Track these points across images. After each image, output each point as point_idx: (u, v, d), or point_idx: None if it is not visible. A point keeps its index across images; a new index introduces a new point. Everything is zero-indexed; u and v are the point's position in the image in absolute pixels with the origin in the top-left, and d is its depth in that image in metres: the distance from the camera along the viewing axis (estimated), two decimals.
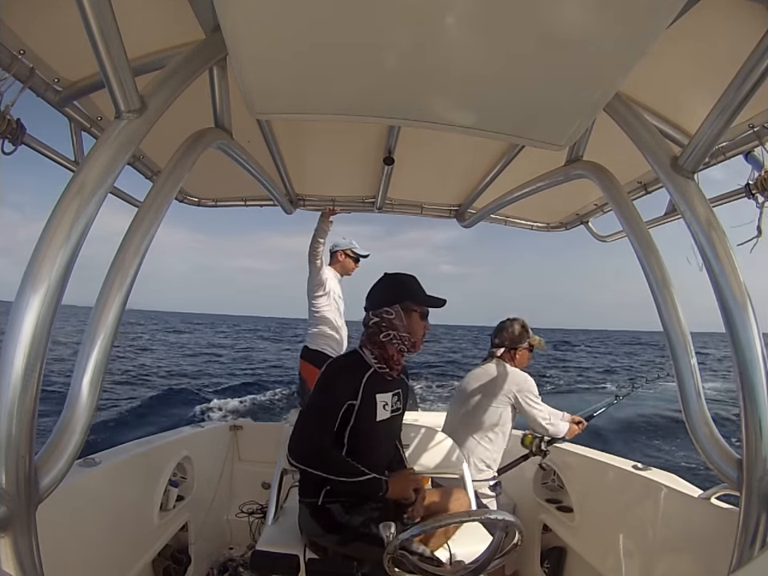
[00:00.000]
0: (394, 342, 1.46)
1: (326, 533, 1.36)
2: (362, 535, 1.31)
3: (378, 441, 1.49)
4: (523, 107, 0.99)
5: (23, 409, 0.70)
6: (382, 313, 1.46)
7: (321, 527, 1.37)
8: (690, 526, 1.47)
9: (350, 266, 3.02)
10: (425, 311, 1.51)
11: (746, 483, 0.92)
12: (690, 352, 1.03)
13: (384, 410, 1.46)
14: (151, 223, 0.93)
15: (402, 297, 1.48)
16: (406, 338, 1.47)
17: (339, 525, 1.34)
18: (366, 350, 1.50)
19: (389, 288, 1.53)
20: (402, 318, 1.46)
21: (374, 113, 1.04)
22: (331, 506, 1.36)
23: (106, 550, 1.54)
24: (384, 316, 1.46)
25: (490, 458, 2.05)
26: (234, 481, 2.54)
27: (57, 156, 1.37)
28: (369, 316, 1.51)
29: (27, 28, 1.05)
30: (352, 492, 1.37)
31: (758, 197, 1.23)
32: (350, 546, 1.33)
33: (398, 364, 1.50)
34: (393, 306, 1.46)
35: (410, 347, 1.49)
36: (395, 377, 1.52)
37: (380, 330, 1.46)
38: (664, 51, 1.05)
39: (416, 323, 1.49)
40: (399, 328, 1.46)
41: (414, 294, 1.51)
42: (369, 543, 1.29)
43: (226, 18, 0.77)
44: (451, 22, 0.76)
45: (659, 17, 0.72)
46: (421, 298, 1.51)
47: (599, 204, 2.16)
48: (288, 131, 1.69)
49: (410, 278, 1.54)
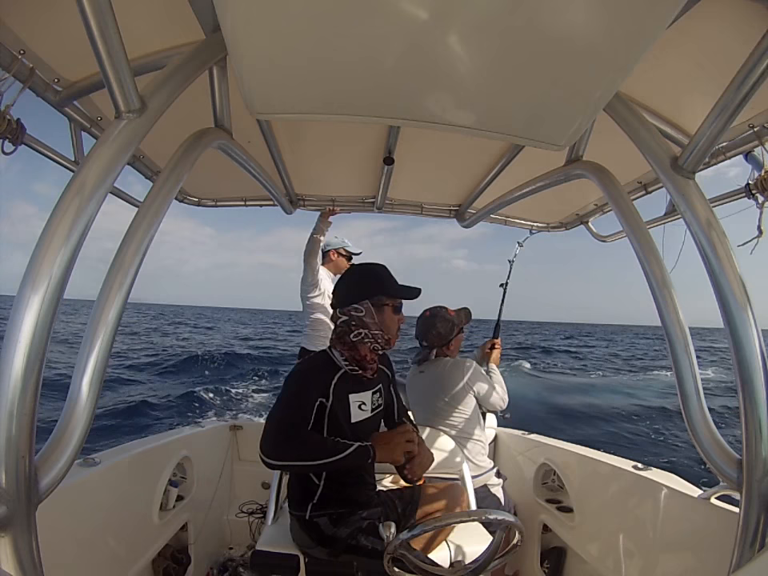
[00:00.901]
0: (366, 341, 1.35)
1: (317, 545, 1.34)
2: (351, 547, 1.29)
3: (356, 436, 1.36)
4: (523, 107, 0.99)
5: (23, 409, 0.70)
6: (350, 311, 1.35)
7: (311, 539, 1.35)
8: (690, 526, 1.47)
9: (343, 265, 2.99)
10: (398, 304, 1.40)
11: (746, 483, 0.92)
12: (690, 352, 1.03)
13: (361, 410, 1.36)
14: (151, 223, 0.93)
15: (372, 291, 1.36)
16: (379, 336, 1.36)
17: (328, 537, 1.31)
18: (335, 350, 1.39)
19: (356, 282, 1.41)
20: (372, 314, 1.34)
21: (374, 113, 1.04)
22: (318, 519, 1.32)
23: (106, 550, 1.54)
24: (353, 314, 1.35)
25: (485, 448, 2.08)
26: (233, 481, 2.54)
27: (57, 156, 1.37)
28: (336, 314, 1.39)
29: (27, 28, 1.05)
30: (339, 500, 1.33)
31: (758, 197, 1.23)
32: (341, 558, 1.31)
33: (371, 363, 1.39)
34: (362, 303, 1.34)
35: (383, 345, 1.38)
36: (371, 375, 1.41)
37: (350, 329, 1.35)
38: (664, 51, 1.05)
39: (389, 318, 1.37)
40: (371, 326, 1.34)
41: (385, 286, 1.38)
42: (358, 554, 1.28)
43: (225, 18, 0.77)
44: (451, 21, 0.76)
45: (659, 17, 0.72)
46: (393, 290, 1.39)
47: (599, 204, 2.16)
48: (288, 131, 1.69)
49: (380, 268, 1.42)
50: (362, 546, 1.28)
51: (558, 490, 2.22)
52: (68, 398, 0.80)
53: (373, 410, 1.41)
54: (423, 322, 2.16)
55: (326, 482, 1.33)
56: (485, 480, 2.01)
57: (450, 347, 2.14)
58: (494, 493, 2.02)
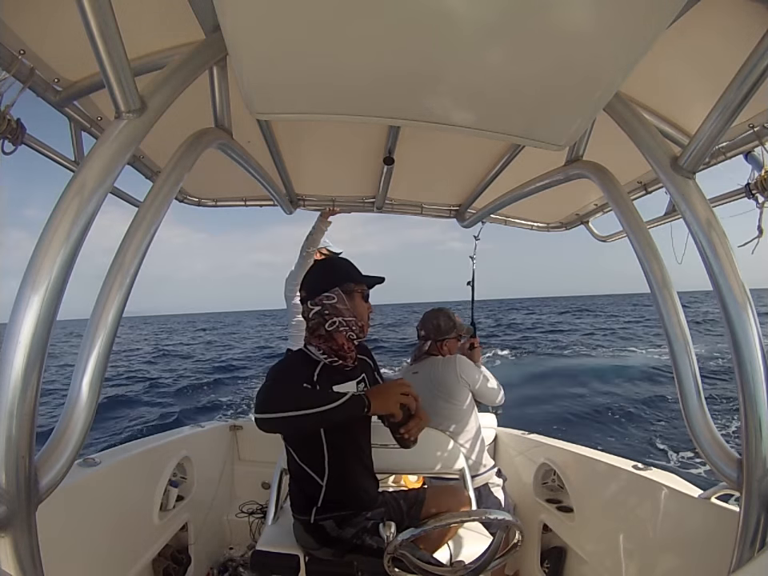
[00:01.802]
0: (341, 329, 1.36)
1: (321, 546, 1.34)
2: (356, 546, 1.30)
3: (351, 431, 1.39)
4: (523, 107, 0.99)
5: (23, 409, 0.70)
6: (322, 299, 1.35)
7: (315, 541, 1.35)
8: (690, 526, 1.47)
9: None
10: (365, 292, 1.42)
11: (746, 483, 0.92)
12: (690, 352, 1.03)
13: None
14: (151, 223, 0.93)
15: (341, 278, 1.38)
16: (353, 323, 1.36)
17: (333, 539, 1.32)
18: (311, 346, 1.38)
19: (324, 273, 1.43)
20: (344, 300, 1.36)
21: (374, 113, 1.04)
22: (324, 522, 1.32)
23: (106, 550, 1.54)
24: (325, 302, 1.35)
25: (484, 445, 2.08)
26: (234, 481, 2.54)
27: (57, 156, 1.37)
28: (308, 306, 1.38)
29: (27, 28, 1.05)
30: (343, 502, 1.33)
31: (758, 197, 1.23)
32: (346, 558, 1.31)
33: (350, 352, 1.39)
34: (333, 290, 1.36)
35: (358, 332, 1.38)
36: (352, 364, 1.42)
37: (323, 319, 1.35)
38: (664, 51, 1.05)
39: (360, 305, 1.39)
40: (344, 312, 1.35)
41: (351, 273, 1.41)
42: (363, 554, 1.29)
43: (225, 18, 0.77)
44: (451, 21, 0.76)
45: (659, 17, 0.72)
46: (359, 277, 1.42)
47: (599, 204, 2.16)
48: (288, 131, 1.69)
49: (345, 260, 1.47)
50: (367, 546, 1.29)
51: (558, 489, 2.22)
52: (68, 398, 0.80)
53: None
54: (427, 313, 2.20)
55: (329, 483, 1.33)
56: (486, 479, 2.01)
57: (444, 346, 2.14)
58: (495, 493, 2.02)
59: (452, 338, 2.16)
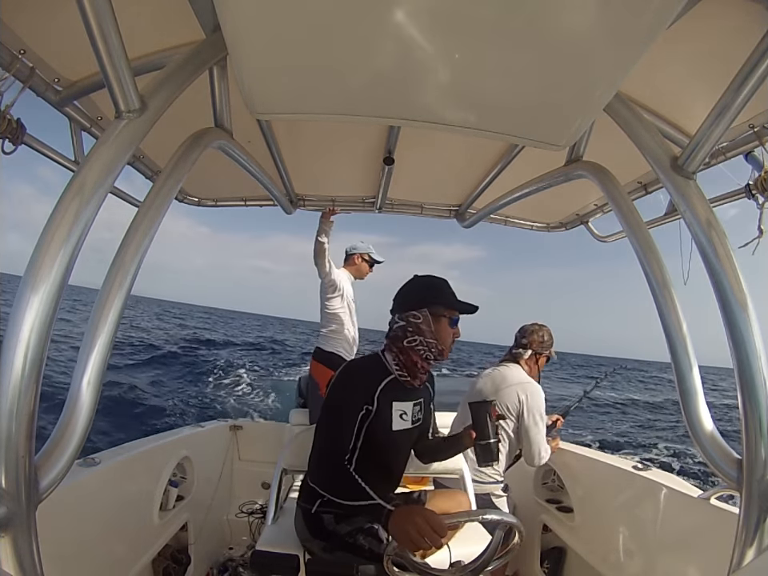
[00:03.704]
0: (419, 348, 1.37)
1: (314, 538, 1.35)
2: (347, 544, 1.30)
3: (393, 451, 1.42)
4: (523, 107, 0.99)
5: (23, 409, 0.70)
6: (408, 316, 1.38)
7: (309, 532, 1.36)
8: (689, 525, 1.47)
9: (364, 270, 3.05)
10: (455, 317, 1.41)
11: (746, 483, 0.92)
12: (690, 352, 1.03)
13: (402, 420, 1.38)
14: (151, 223, 0.93)
15: (432, 300, 1.39)
16: (433, 345, 1.37)
17: (327, 532, 1.33)
18: (388, 354, 1.42)
19: (418, 290, 1.43)
20: (429, 322, 1.36)
21: (374, 113, 1.04)
22: (324, 515, 1.33)
23: (106, 550, 1.54)
24: (411, 320, 1.37)
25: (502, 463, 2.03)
26: (233, 481, 2.55)
27: (57, 156, 1.37)
28: (394, 319, 1.42)
29: (27, 28, 1.05)
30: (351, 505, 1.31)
31: (758, 197, 1.23)
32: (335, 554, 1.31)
33: (422, 372, 1.41)
34: (421, 310, 1.37)
35: (436, 355, 1.39)
36: (417, 386, 1.43)
37: (405, 334, 1.37)
38: (664, 51, 1.05)
39: (444, 329, 1.38)
40: (426, 333, 1.36)
41: (445, 297, 1.41)
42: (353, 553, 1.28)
43: (225, 18, 0.77)
44: (451, 21, 0.76)
45: (659, 17, 0.72)
46: (451, 302, 1.41)
47: (599, 204, 2.16)
48: (288, 131, 1.69)
49: (441, 281, 1.45)
50: (359, 546, 1.28)
51: (558, 490, 2.22)
52: (68, 398, 0.80)
53: (413, 423, 1.43)
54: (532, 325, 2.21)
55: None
56: (490, 489, 1.98)
57: (540, 359, 2.16)
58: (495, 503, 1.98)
59: (546, 354, 2.18)
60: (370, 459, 1.35)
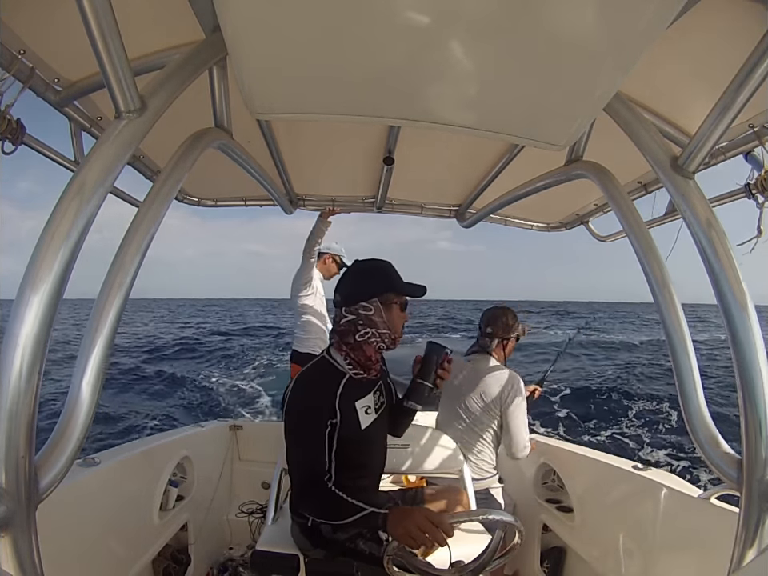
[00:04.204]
0: (372, 340, 1.29)
1: (314, 548, 1.34)
2: (349, 550, 1.29)
3: (368, 448, 1.38)
4: (523, 107, 0.99)
5: (23, 409, 0.70)
6: (358, 309, 1.28)
7: (310, 543, 1.35)
8: (690, 525, 1.47)
9: (333, 271, 3.07)
10: (405, 302, 1.34)
11: (746, 483, 0.92)
12: (690, 352, 1.03)
13: (367, 415, 1.33)
14: (151, 223, 0.93)
15: (381, 288, 1.29)
16: (386, 335, 1.29)
17: (326, 540, 1.31)
18: (336, 353, 1.32)
19: (364, 279, 1.33)
20: (381, 313, 1.28)
21: (374, 113, 1.04)
22: (321, 526, 1.30)
23: (106, 550, 1.54)
24: (361, 312, 1.27)
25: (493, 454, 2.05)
26: (233, 481, 2.54)
27: (57, 156, 1.37)
28: (341, 313, 1.31)
29: (27, 28, 1.05)
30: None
31: (758, 197, 1.23)
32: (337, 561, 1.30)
33: (376, 363, 1.33)
34: (371, 301, 1.27)
35: (389, 344, 1.32)
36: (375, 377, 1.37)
37: (356, 328, 1.28)
38: (664, 51, 1.05)
39: (397, 316, 1.31)
40: (379, 324, 1.28)
41: (394, 283, 1.32)
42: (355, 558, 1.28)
43: (225, 18, 0.77)
44: (451, 21, 0.76)
45: (659, 17, 0.72)
46: (401, 288, 1.32)
47: (599, 204, 2.16)
48: (288, 131, 1.69)
49: (387, 265, 1.35)
50: (360, 551, 1.28)
51: (558, 489, 2.22)
52: (68, 398, 0.80)
53: (377, 411, 1.38)
54: (494, 310, 2.13)
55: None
56: (488, 484, 1.99)
57: (508, 344, 2.10)
58: (495, 496, 2.01)
59: (514, 337, 2.11)
60: (348, 464, 1.30)
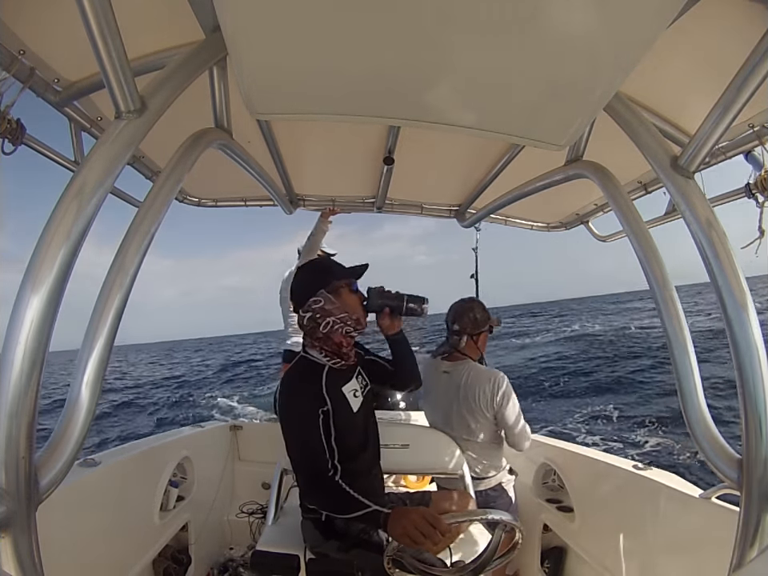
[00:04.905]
0: (336, 327, 1.36)
1: (327, 540, 1.35)
2: (362, 541, 1.30)
3: (362, 429, 1.44)
4: (523, 107, 0.99)
5: (23, 409, 0.70)
6: (311, 305, 1.36)
7: (322, 536, 1.36)
8: (690, 525, 1.47)
9: None
10: (352, 283, 1.42)
11: (746, 483, 0.92)
12: (690, 352, 1.03)
13: (356, 398, 1.41)
14: (151, 223, 0.93)
15: (323, 279, 1.38)
16: (346, 317, 1.36)
17: (339, 533, 1.33)
18: (311, 350, 1.41)
19: (306, 277, 1.43)
20: (331, 300, 1.35)
21: (374, 113, 1.04)
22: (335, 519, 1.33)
23: (106, 550, 1.54)
24: (314, 307, 1.35)
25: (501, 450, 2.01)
26: (234, 481, 2.55)
27: (57, 156, 1.37)
28: (300, 315, 1.40)
29: (27, 28, 1.05)
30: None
31: (758, 197, 1.23)
32: (350, 553, 1.32)
33: (349, 349, 1.42)
34: (318, 293, 1.36)
35: (354, 325, 1.39)
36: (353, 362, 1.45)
37: (317, 322, 1.35)
38: (664, 51, 1.05)
39: (349, 298, 1.40)
40: (335, 311, 1.35)
41: (333, 271, 1.42)
42: (367, 549, 1.29)
43: (225, 18, 0.77)
44: (451, 22, 0.76)
45: (659, 17, 0.72)
46: (340, 272, 1.42)
47: (599, 204, 2.16)
48: (288, 131, 1.69)
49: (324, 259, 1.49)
50: (374, 542, 1.30)
51: (558, 489, 2.22)
52: (68, 398, 0.80)
53: (363, 393, 1.46)
54: (460, 305, 2.02)
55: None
56: (500, 479, 1.97)
57: (479, 340, 1.99)
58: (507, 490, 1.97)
59: (485, 331, 2.01)
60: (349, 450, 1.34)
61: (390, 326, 1.52)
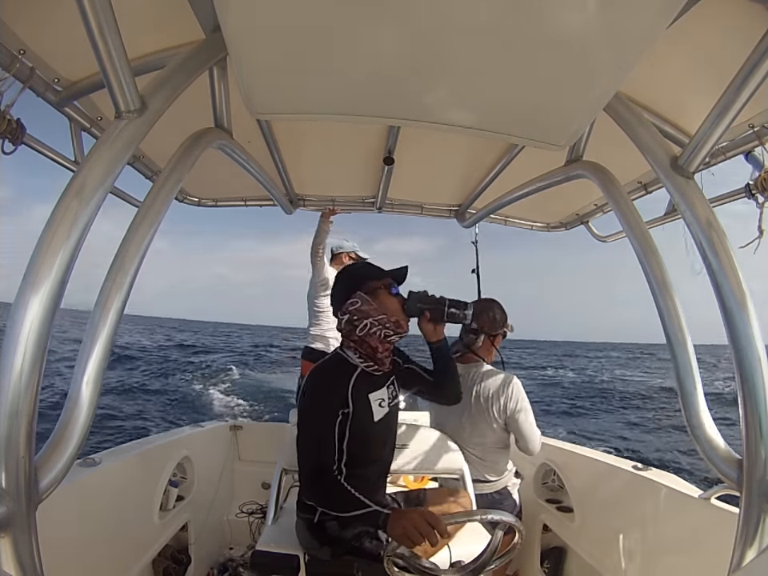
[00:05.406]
0: (373, 330, 1.32)
1: (320, 546, 1.34)
2: (354, 548, 1.29)
3: (379, 441, 1.41)
4: (523, 107, 0.99)
5: (23, 409, 0.70)
6: (348, 307, 1.34)
7: (317, 541, 1.35)
8: (690, 525, 1.47)
9: None
10: (390, 284, 1.38)
11: (746, 483, 0.92)
12: (690, 352, 1.03)
13: (381, 408, 1.36)
14: (151, 223, 0.93)
15: (359, 281, 1.36)
16: (385, 319, 1.32)
17: (332, 538, 1.31)
18: (348, 350, 1.38)
19: (344, 280, 1.42)
20: (368, 301, 1.33)
21: (374, 113, 1.04)
22: (327, 523, 1.32)
23: (106, 550, 1.54)
24: (351, 308, 1.33)
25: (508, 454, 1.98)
26: (234, 481, 2.55)
27: (57, 156, 1.37)
28: (338, 318, 1.39)
29: (27, 28, 1.05)
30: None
31: (758, 197, 1.23)
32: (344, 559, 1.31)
33: (386, 356, 1.38)
34: (355, 295, 1.34)
35: (393, 328, 1.34)
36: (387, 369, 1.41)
37: (354, 325, 1.33)
38: (664, 51, 1.05)
39: (387, 299, 1.35)
40: (372, 312, 1.32)
41: (371, 272, 1.41)
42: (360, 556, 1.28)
43: (226, 18, 0.77)
44: (451, 22, 0.76)
45: (659, 17, 0.72)
46: (378, 273, 1.40)
47: (599, 204, 2.16)
48: (288, 131, 1.69)
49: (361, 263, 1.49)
50: (365, 549, 1.28)
51: (558, 489, 2.22)
52: (68, 398, 0.80)
53: (390, 405, 1.41)
54: (479, 303, 1.99)
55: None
56: (506, 482, 1.94)
57: (496, 340, 1.95)
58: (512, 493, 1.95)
59: (501, 333, 1.97)
60: (359, 458, 1.33)
61: (431, 333, 1.45)
